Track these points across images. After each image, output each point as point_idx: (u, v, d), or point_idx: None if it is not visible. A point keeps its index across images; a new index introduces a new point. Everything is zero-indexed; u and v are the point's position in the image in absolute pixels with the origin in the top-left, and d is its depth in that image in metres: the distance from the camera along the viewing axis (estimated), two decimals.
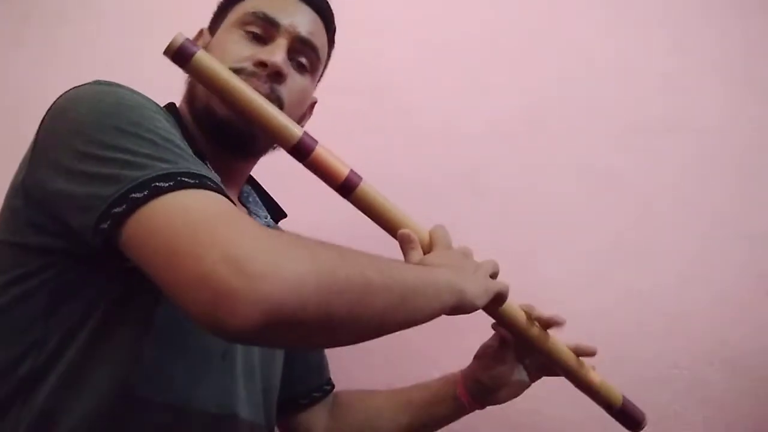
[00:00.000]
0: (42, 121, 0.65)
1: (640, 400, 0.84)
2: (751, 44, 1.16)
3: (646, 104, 1.18)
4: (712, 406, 1.03)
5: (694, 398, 1.04)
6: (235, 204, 0.66)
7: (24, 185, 0.64)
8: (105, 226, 0.54)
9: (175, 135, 0.62)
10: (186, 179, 0.54)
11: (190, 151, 0.61)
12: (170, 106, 0.77)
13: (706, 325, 1.06)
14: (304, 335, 0.52)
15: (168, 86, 0.75)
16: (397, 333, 0.59)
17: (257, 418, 0.77)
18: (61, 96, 0.65)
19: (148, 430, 0.63)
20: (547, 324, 0.82)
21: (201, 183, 0.55)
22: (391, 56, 0.92)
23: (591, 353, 0.84)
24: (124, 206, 0.53)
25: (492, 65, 1.24)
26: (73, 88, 0.65)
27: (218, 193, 0.56)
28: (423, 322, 0.61)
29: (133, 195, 0.53)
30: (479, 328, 0.83)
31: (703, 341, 1.05)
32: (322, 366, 0.98)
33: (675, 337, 1.06)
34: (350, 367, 1.00)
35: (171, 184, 0.53)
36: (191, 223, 0.51)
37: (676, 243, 1.11)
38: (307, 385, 0.94)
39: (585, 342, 0.84)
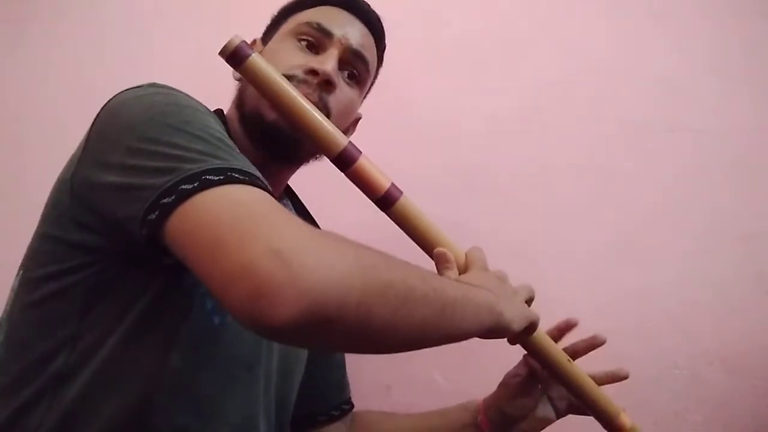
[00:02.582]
0: (94, 120, 0.65)
1: (640, 400, 0.85)
2: (749, 45, 1.17)
3: (645, 104, 1.18)
4: (712, 406, 1.03)
5: (694, 398, 1.04)
6: None
7: (72, 182, 0.64)
8: (153, 216, 0.54)
9: (226, 137, 0.62)
10: (236, 175, 0.54)
11: (241, 153, 0.61)
12: (218, 112, 0.78)
13: (705, 324, 1.06)
14: (343, 336, 0.50)
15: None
16: None
17: (269, 427, 0.77)
18: (113, 97, 0.66)
19: None
20: (584, 351, 0.81)
21: (251, 180, 0.55)
22: (391, 55, 0.92)
23: (623, 377, 0.83)
24: (173, 197, 0.53)
25: (492, 64, 1.24)
26: (126, 89, 0.66)
27: (266, 191, 0.56)
28: (459, 340, 0.60)
29: (184, 186, 0.53)
30: None
31: (703, 341, 1.05)
32: (342, 384, 0.97)
33: (675, 336, 1.06)
34: (350, 368, 1.00)
35: (221, 178, 0.54)
36: (238, 216, 0.51)
37: (676, 242, 1.11)
38: (326, 403, 0.94)
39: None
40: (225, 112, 0.81)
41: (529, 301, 0.74)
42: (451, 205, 1.18)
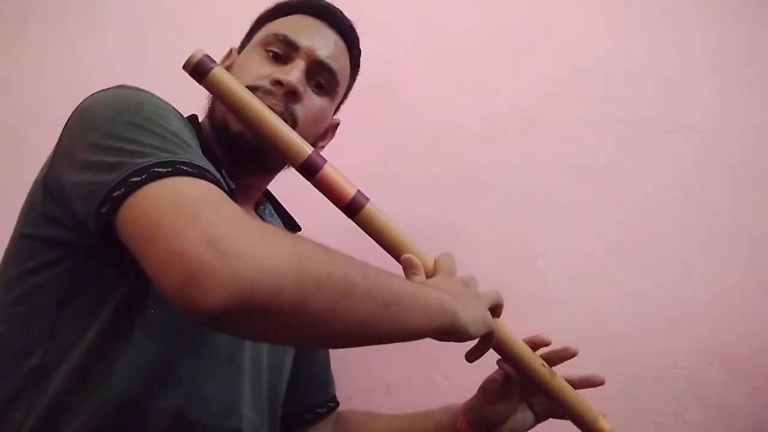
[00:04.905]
0: (67, 121, 0.67)
1: (640, 400, 0.84)
2: (751, 45, 1.16)
3: (646, 104, 1.18)
4: (712, 406, 1.03)
5: (694, 398, 1.04)
6: None
7: (44, 181, 0.66)
8: (104, 210, 0.55)
9: (186, 134, 0.64)
10: (184, 167, 0.56)
11: (198, 150, 0.63)
12: (192, 118, 0.79)
13: (706, 325, 1.06)
14: (277, 326, 0.51)
15: (167, 87, 0.75)
16: None
17: (261, 423, 0.77)
18: (85, 98, 0.68)
19: (154, 427, 0.64)
20: (556, 359, 0.81)
21: (198, 173, 0.56)
22: (391, 55, 0.92)
23: (598, 383, 0.82)
24: (122, 189, 0.55)
25: (492, 64, 1.24)
26: (98, 91, 0.68)
27: (215, 184, 0.56)
28: (407, 339, 0.60)
29: (133, 179, 0.54)
30: None
31: (703, 341, 1.05)
32: (328, 382, 0.98)
33: (675, 337, 1.06)
34: (350, 368, 1.00)
35: (169, 170, 0.55)
36: (178, 204, 0.52)
37: (676, 243, 1.11)
38: (311, 401, 0.94)
39: (588, 350, 0.82)
40: (200, 119, 0.82)
41: (495, 308, 0.74)
42: (451, 205, 1.18)
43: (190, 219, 0.50)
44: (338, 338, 0.57)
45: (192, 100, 0.83)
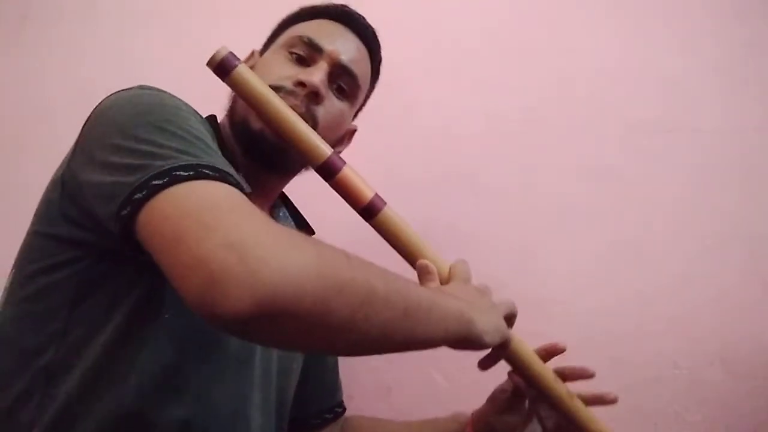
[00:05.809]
0: (86, 121, 0.67)
1: (640, 400, 0.84)
2: (752, 45, 1.16)
3: (646, 104, 1.18)
4: (712, 406, 1.03)
5: (694, 398, 1.04)
6: None
7: (62, 180, 0.66)
8: (125, 212, 0.55)
9: (207, 136, 0.63)
10: (206, 171, 0.55)
11: (219, 153, 0.62)
12: (211, 118, 0.79)
13: (706, 325, 1.06)
14: (299, 333, 0.50)
15: (167, 87, 0.74)
16: None
17: (269, 427, 0.77)
18: (106, 98, 0.67)
19: (162, 428, 0.64)
20: (570, 376, 0.80)
21: (221, 176, 0.56)
22: (391, 56, 0.92)
23: (611, 401, 0.81)
24: (144, 192, 0.54)
25: (493, 64, 1.24)
26: (117, 91, 0.68)
27: (237, 188, 0.56)
28: (424, 347, 0.59)
29: (154, 182, 0.54)
30: None
31: (704, 341, 1.05)
32: (335, 387, 0.98)
33: (675, 337, 1.06)
34: (351, 368, 1.00)
35: (191, 173, 0.54)
36: (201, 209, 0.51)
37: (677, 243, 1.11)
38: (319, 406, 0.94)
39: (588, 350, 0.82)
40: (219, 120, 0.82)
41: (510, 318, 0.73)
42: (451, 205, 1.18)
43: (212, 224, 0.49)
44: (357, 346, 0.56)
45: (192, 100, 0.83)
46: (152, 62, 1.33)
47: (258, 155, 0.78)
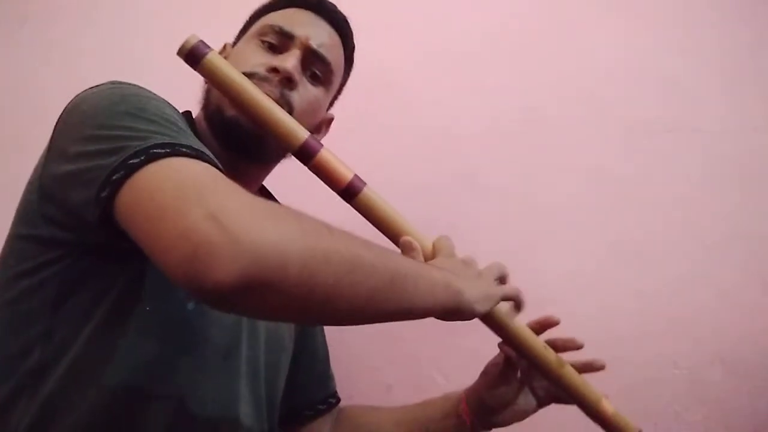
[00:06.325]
0: (57, 120, 0.67)
1: (640, 400, 0.84)
2: (755, 46, 1.16)
3: (647, 105, 1.18)
4: (712, 406, 1.03)
5: (694, 398, 1.04)
6: None
7: (40, 181, 0.66)
8: (104, 194, 0.55)
9: (182, 123, 0.63)
10: (183, 149, 0.55)
11: (194, 136, 0.62)
12: (185, 114, 0.79)
13: (706, 325, 1.06)
14: (285, 302, 0.50)
15: (167, 87, 0.74)
16: (397, 333, 0.58)
17: (259, 420, 0.77)
18: (76, 96, 0.67)
19: (150, 425, 0.64)
20: (561, 347, 0.80)
21: (197, 154, 0.56)
22: (391, 56, 0.92)
23: (599, 368, 0.83)
24: (122, 172, 0.54)
25: (492, 65, 1.24)
26: (88, 88, 0.68)
27: (213, 166, 0.56)
28: (413, 317, 0.59)
29: (131, 161, 0.54)
30: (481, 328, 0.83)
31: (704, 342, 1.05)
32: (327, 378, 0.97)
33: (675, 337, 1.06)
34: (351, 368, 1.00)
35: (168, 150, 0.54)
36: (180, 184, 0.51)
37: (677, 243, 1.11)
38: (311, 397, 0.94)
39: (588, 350, 0.82)
40: (194, 115, 0.82)
41: (502, 279, 0.74)
42: (451, 205, 1.17)
43: (193, 196, 0.49)
44: (344, 315, 0.55)
45: (192, 100, 0.83)
46: (152, 62, 1.33)
47: (233, 143, 0.77)
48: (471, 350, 0.90)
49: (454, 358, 1.08)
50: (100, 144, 0.58)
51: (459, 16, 1.27)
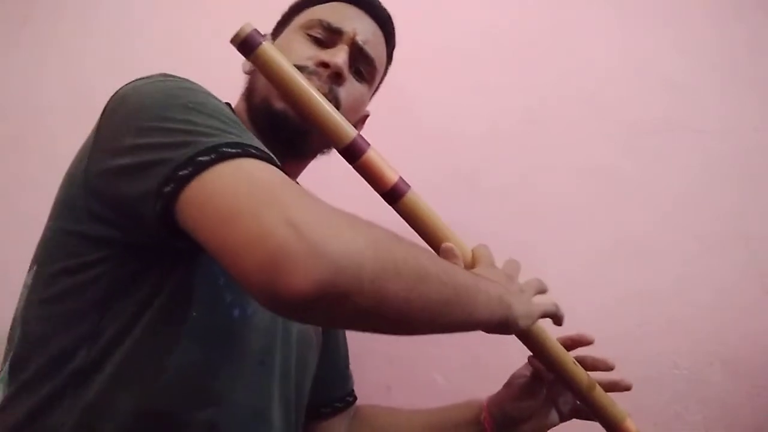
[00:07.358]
0: (103, 110, 0.65)
1: (640, 400, 0.84)
2: (753, 45, 1.17)
3: (647, 105, 1.18)
4: (712, 406, 1.03)
5: (694, 398, 1.04)
6: None
7: (85, 174, 0.63)
8: (168, 188, 0.53)
9: (238, 121, 0.62)
10: (253, 150, 0.54)
11: (254, 136, 0.61)
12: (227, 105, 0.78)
13: (706, 325, 1.06)
14: (356, 313, 0.49)
15: None
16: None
17: (288, 421, 0.76)
18: (121, 87, 0.65)
19: (188, 428, 0.63)
20: (591, 366, 0.80)
21: (266, 157, 0.55)
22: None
23: (625, 388, 0.82)
24: (190, 169, 0.52)
25: (493, 65, 1.24)
26: (136, 79, 0.66)
27: (279, 169, 0.55)
28: (470, 328, 0.59)
29: (201, 158, 0.52)
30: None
31: (704, 342, 1.05)
32: (346, 377, 0.97)
33: (675, 337, 1.06)
34: (351, 368, 1.00)
35: (238, 151, 0.53)
36: (255, 187, 0.50)
37: (677, 243, 1.11)
38: (330, 395, 0.93)
39: (589, 350, 0.83)
40: (233, 106, 0.80)
41: (540, 294, 0.74)
42: (453, 206, 1.17)
43: (269, 201, 0.48)
44: (412, 325, 0.55)
45: None
46: (152, 62, 1.33)
47: (280, 136, 0.75)
48: (471, 351, 0.91)
49: (454, 359, 1.08)
50: (160, 137, 0.56)
51: (459, 16, 1.27)
